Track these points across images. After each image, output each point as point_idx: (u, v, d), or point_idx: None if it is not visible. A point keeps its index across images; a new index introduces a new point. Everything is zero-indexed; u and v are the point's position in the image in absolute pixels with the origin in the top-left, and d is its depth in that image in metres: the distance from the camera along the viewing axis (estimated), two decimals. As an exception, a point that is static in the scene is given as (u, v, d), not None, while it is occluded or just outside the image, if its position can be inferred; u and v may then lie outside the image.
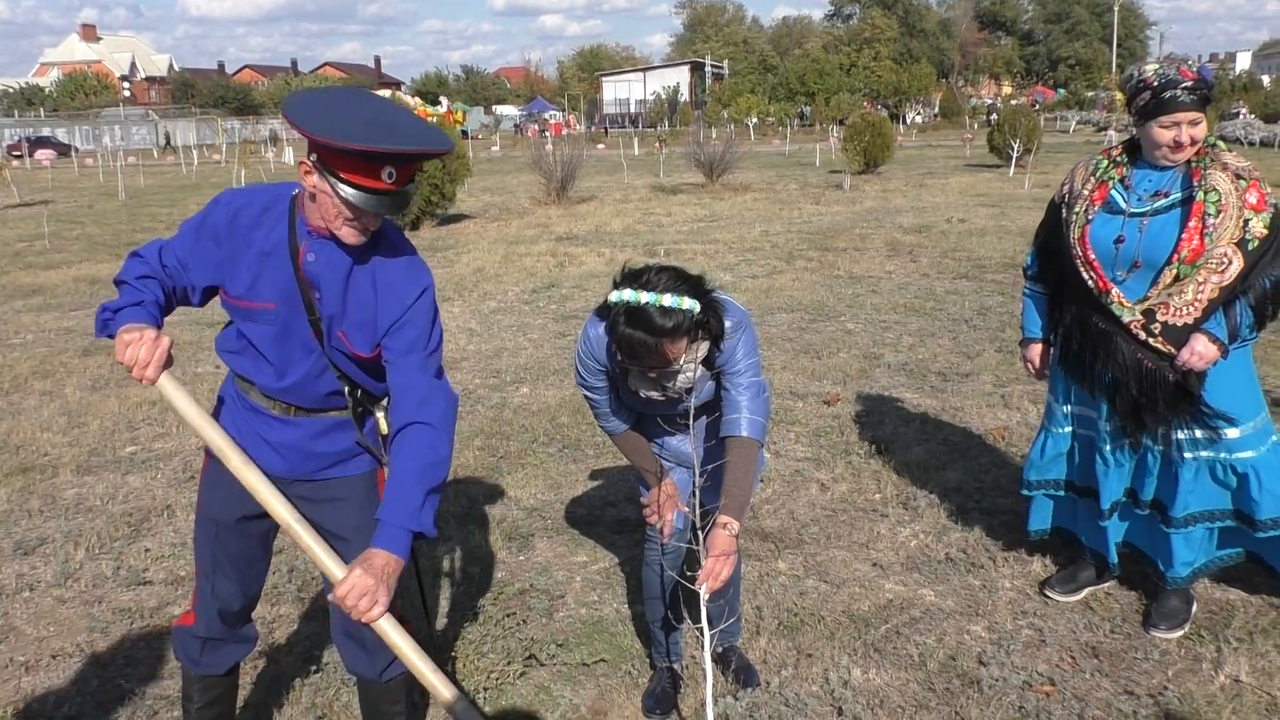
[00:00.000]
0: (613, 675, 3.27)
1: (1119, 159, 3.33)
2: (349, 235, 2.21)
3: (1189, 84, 3.08)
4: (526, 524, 4.46)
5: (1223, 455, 3.25)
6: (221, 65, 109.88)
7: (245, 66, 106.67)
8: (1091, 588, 3.63)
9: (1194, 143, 3.14)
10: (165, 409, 6.22)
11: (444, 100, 40.71)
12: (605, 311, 2.58)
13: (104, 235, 15.88)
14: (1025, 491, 3.73)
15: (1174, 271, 3.10)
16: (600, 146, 42.47)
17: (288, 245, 2.28)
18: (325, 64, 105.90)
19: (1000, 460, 4.94)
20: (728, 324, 2.62)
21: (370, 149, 2.04)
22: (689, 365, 2.56)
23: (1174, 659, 3.23)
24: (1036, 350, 3.63)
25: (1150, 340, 3.16)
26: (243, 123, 61.46)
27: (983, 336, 7.40)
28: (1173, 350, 3.13)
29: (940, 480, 4.72)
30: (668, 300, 2.43)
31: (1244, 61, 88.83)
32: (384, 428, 2.46)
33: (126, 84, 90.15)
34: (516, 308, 9.25)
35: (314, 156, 2.14)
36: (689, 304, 2.46)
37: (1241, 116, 34.46)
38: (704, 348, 2.60)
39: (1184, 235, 3.08)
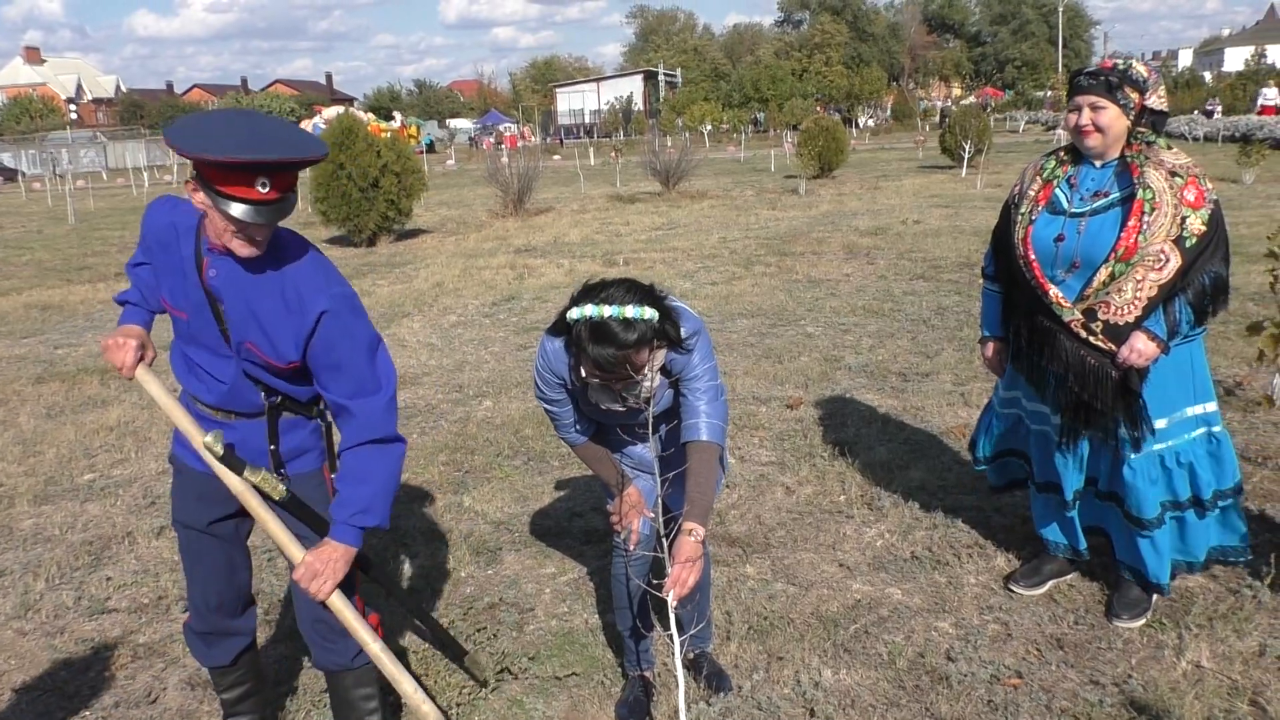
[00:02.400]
0: (585, 686, 3.27)
1: (1065, 158, 3.39)
2: (239, 248, 2.29)
3: (1093, 69, 3.22)
4: (494, 538, 4.44)
5: (1166, 445, 3.31)
6: (170, 85, 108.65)
7: (195, 86, 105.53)
8: (1055, 580, 3.68)
9: (1098, 128, 3.19)
10: (122, 435, 6.14)
11: (398, 115, 40.49)
12: (564, 329, 2.59)
13: (54, 260, 15.64)
14: (981, 468, 3.94)
15: (1109, 269, 3.14)
16: (556, 158, 42.48)
17: (194, 259, 2.40)
18: (276, 81, 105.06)
19: (961, 458, 4.99)
20: (684, 331, 2.65)
21: (233, 159, 2.12)
22: (649, 374, 2.58)
23: (1137, 648, 3.28)
24: (992, 348, 3.69)
25: (1091, 338, 3.21)
26: (193, 142, 60.64)
27: (941, 336, 7.48)
28: (1114, 348, 3.19)
29: (903, 480, 4.76)
30: (630, 311, 2.45)
31: (1186, 59, 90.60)
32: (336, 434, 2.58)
33: (73, 106, 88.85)
34: (477, 321, 9.22)
35: (196, 173, 2.22)
36: (649, 313, 2.48)
37: (1216, 115, 34.08)
38: (662, 355, 2.62)
39: (1123, 234, 3.13)
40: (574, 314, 2.53)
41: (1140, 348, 3.13)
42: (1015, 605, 3.59)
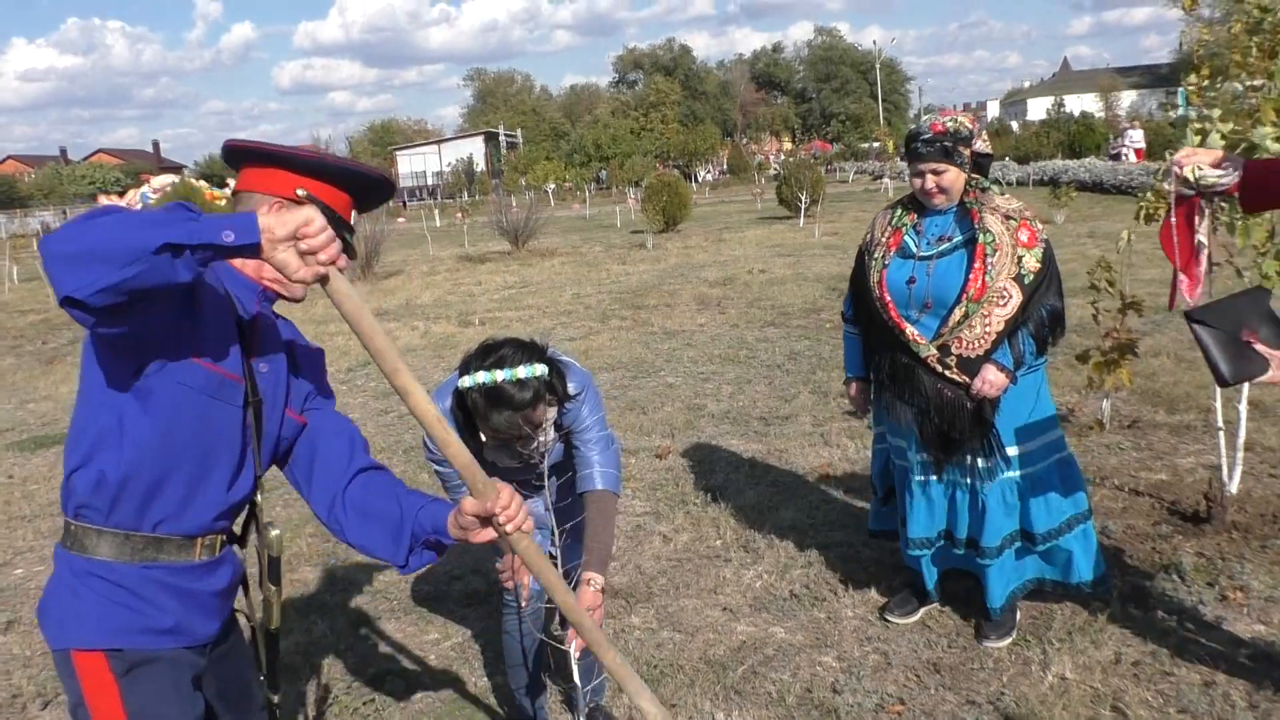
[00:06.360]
0: (480, 750, 3.23)
1: (910, 207, 3.63)
2: (299, 289, 1.99)
3: (928, 136, 3.42)
4: (372, 607, 4.35)
5: (1013, 474, 3.53)
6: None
7: (9, 157, 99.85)
8: (926, 608, 3.85)
9: (942, 190, 3.45)
10: (-45, 528, 5.73)
11: (231, 182, 39.30)
12: (458, 395, 2.61)
13: None
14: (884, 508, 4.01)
15: (963, 309, 3.38)
16: (400, 220, 41.95)
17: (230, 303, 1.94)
18: (99, 151, 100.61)
19: (827, 497, 5.17)
20: (572, 386, 2.70)
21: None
22: (544, 429, 2.62)
23: (1006, 665, 3.46)
24: (856, 387, 3.88)
25: (947, 373, 3.42)
26: (9, 216, 57.40)
27: (796, 380, 7.73)
28: (967, 380, 3.41)
29: (775, 521, 4.90)
30: (522, 372, 2.49)
31: (994, 109, 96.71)
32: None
33: None
34: (333, 388, 9.00)
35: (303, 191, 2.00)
36: (540, 369, 2.53)
37: (1125, 155, 30.56)
38: (554, 412, 2.66)
39: (970, 275, 3.37)
40: (465, 381, 2.55)
41: (991, 379, 3.35)
42: (892, 634, 3.73)
